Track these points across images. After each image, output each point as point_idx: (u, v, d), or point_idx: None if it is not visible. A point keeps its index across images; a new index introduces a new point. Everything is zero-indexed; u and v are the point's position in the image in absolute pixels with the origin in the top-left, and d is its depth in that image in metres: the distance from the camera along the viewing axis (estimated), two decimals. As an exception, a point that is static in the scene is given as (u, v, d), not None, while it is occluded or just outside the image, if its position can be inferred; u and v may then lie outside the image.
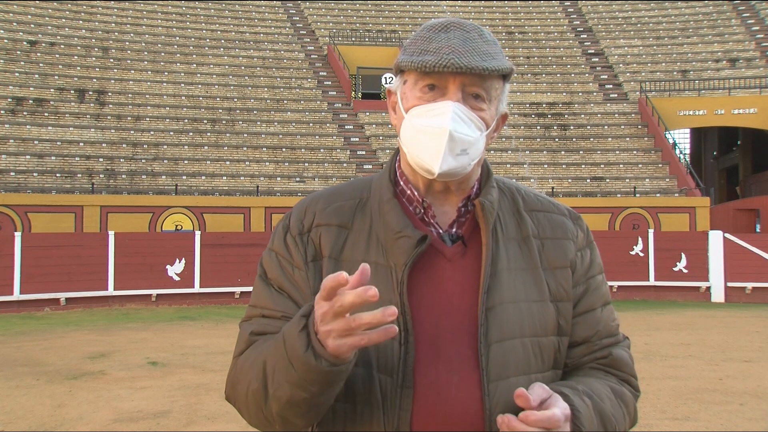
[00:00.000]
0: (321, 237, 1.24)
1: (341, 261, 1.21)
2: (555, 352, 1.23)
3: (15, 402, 6.47)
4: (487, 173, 1.28)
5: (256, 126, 23.75)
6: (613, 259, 16.66)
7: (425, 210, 1.23)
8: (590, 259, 1.31)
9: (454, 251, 1.21)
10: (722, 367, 8.10)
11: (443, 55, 1.14)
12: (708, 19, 31.98)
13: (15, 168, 19.18)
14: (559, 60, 29.90)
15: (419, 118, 1.17)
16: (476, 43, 1.17)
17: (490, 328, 1.16)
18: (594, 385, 1.21)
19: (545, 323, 1.21)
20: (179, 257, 15.41)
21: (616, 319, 1.33)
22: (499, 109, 1.23)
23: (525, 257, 1.24)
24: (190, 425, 5.67)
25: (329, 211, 1.26)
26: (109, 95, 23.67)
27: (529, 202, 1.30)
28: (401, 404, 1.13)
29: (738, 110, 25.43)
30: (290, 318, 1.19)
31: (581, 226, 1.32)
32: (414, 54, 1.17)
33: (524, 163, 22.88)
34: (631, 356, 1.33)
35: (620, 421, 1.20)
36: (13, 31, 25.52)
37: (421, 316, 1.16)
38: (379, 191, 1.26)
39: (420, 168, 1.19)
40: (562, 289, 1.24)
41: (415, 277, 1.18)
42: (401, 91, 1.23)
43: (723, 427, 5.52)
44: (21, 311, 14.06)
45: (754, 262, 16.32)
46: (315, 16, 32.34)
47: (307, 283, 1.22)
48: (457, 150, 1.15)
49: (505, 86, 1.24)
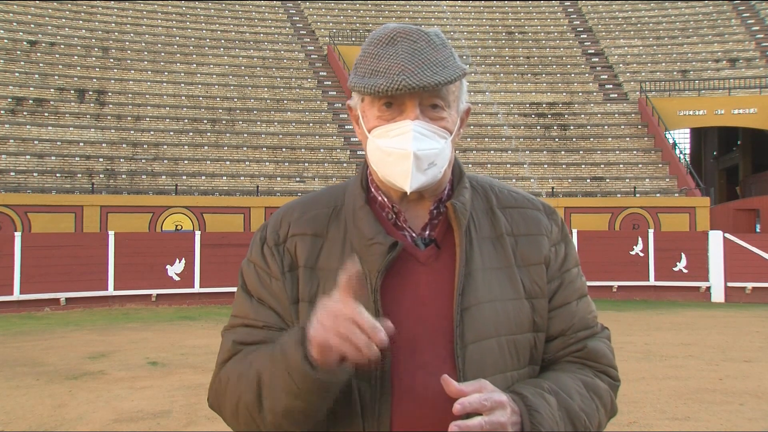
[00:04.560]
0: (296, 247, 1.25)
1: (317, 270, 1.23)
2: (531, 348, 1.24)
3: (15, 402, 6.47)
4: (459, 174, 1.29)
5: (256, 126, 23.75)
6: (613, 259, 16.67)
7: (397, 215, 1.24)
8: (565, 253, 1.31)
9: (427, 255, 1.22)
10: (722, 367, 8.10)
11: (393, 76, 1.13)
12: (708, 19, 31.98)
13: (15, 168, 19.18)
14: (559, 60, 29.90)
15: (382, 139, 1.18)
16: (425, 54, 1.16)
17: (466, 330, 1.17)
18: (563, 381, 1.21)
19: (520, 321, 1.22)
20: (179, 257, 15.41)
21: (593, 311, 1.33)
22: (460, 108, 1.24)
23: (499, 256, 1.24)
24: (190, 425, 5.67)
25: (304, 220, 1.27)
26: (109, 95, 23.67)
27: (502, 199, 1.31)
28: (380, 410, 1.14)
29: (738, 110, 25.43)
30: (272, 328, 1.23)
31: (556, 221, 1.33)
32: (365, 75, 1.16)
33: (524, 163, 22.88)
34: (610, 347, 1.32)
35: (592, 415, 1.20)
36: (13, 31, 25.52)
37: (397, 322, 1.16)
38: (352, 199, 1.27)
39: (391, 186, 1.20)
40: (537, 286, 1.25)
41: (389, 283, 1.19)
42: (360, 108, 1.23)
43: (723, 427, 5.51)
44: (21, 311, 14.06)
45: (754, 262, 16.32)
46: (315, 16, 32.34)
47: (285, 293, 1.24)
48: (424, 166, 1.16)
49: (462, 84, 1.24)
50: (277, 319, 1.24)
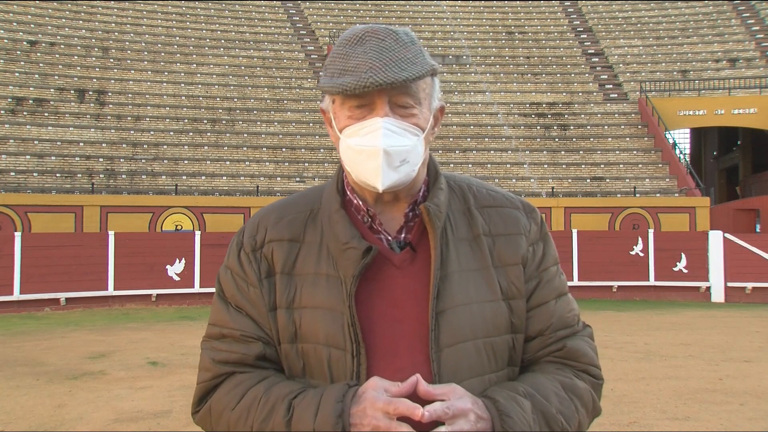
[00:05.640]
0: (273, 253, 1.25)
1: (294, 275, 1.23)
2: (509, 350, 1.23)
3: (15, 402, 6.47)
4: (435, 174, 1.28)
5: (256, 126, 23.75)
6: (613, 259, 16.67)
7: (372, 218, 1.24)
8: (543, 252, 1.30)
9: (402, 258, 1.22)
10: (722, 367, 8.09)
11: (361, 74, 1.13)
12: (708, 19, 31.98)
13: (15, 168, 19.18)
14: (559, 60, 29.90)
15: (353, 138, 1.17)
16: (393, 51, 1.15)
17: (441, 333, 1.16)
18: (540, 382, 1.20)
19: (498, 323, 1.21)
20: (179, 257, 15.41)
21: (573, 309, 1.31)
22: (432, 106, 1.23)
23: (476, 257, 1.24)
24: (190, 425, 5.67)
25: (281, 225, 1.27)
26: (109, 95, 23.67)
27: (480, 199, 1.30)
28: None
29: (738, 110, 25.43)
30: (249, 336, 1.23)
31: (535, 220, 1.31)
32: (334, 75, 1.17)
33: (524, 163, 22.88)
34: (592, 345, 1.31)
35: (570, 416, 1.19)
36: (13, 31, 25.52)
37: (372, 327, 1.17)
38: (328, 202, 1.26)
39: (365, 185, 1.19)
40: (514, 286, 1.24)
41: (365, 287, 1.19)
42: (332, 110, 1.23)
43: (723, 427, 5.51)
44: (21, 311, 14.06)
45: (754, 262, 16.32)
46: (315, 16, 32.34)
47: (263, 300, 1.23)
48: (395, 163, 1.15)
49: (434, 81, 1.23)
50: (255, 327, 1.23)
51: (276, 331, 1.22)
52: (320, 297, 1.19)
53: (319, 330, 1.18)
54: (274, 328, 1.22)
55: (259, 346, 1.23)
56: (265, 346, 1.23)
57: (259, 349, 1.23)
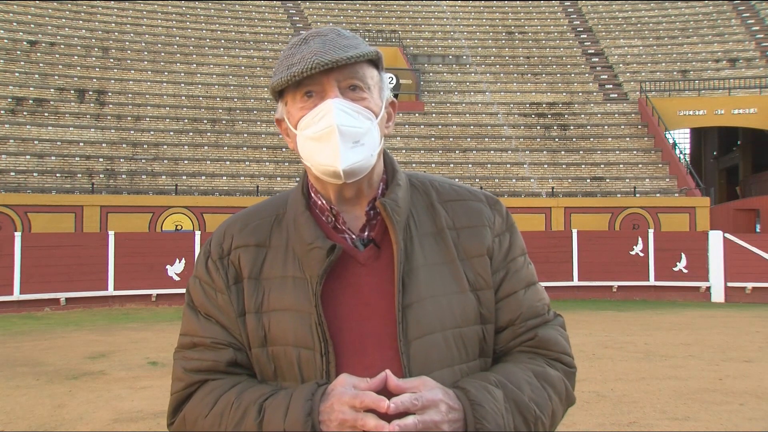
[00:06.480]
0: (240, 259, 1.26)
1: (261, 280, 1.24)
2: (480, 341, 1.24)
3: (15, 402, 6.47)
4: (392, 172, 1.30)
5: (256, 126, 23.75)
6: (613, 259, 16.67)
7: (335, 218, 1.25)
8: (510, 243, 1.31)
9: (367, 255, 1.23)
10: (722, 367, 8.09)
11: (307, 60, 1.17)
12: (708, 19, 31.98)
13: (15, 168, 19.18)
14: (559, 60, 29.90)
15: (309, 128, 1.20)
16: (335, 41, 1.20)
17: (409, 326, 1.17)
18: (512, 372, 1.21)
19: (466, 314, 1.22)
20: (179, 257, 15.41)
21: (543, 299, 1.32)
22: (383, 96, 1.26)
23: (441, 251, 1.25)
24: (190, 425, 5.66)
25: (246, 231, 1.28)
26: (109, 95, 23.67)
27: (443, 194, 1.31)
28: None
29: (738, 110, 25.43)
30: (220, 343, 1.24)
31: (500, 212, 1.33)
32: (281, 72, 1.21)
33: (524, 163, 22.88)
34: (564, 334, 1.31)
35: (543, 404, 1.19)
36: (13, 31, 25.52)
37: (340, 325, 1.18)
38: (293, 206, 1.28)
39: (326, 174, 1.20)
40: (481, 278, 1.25)
41: (331, 286, 1.20)
42: (285, 112, 1.26)
43: (723, 427, 5.51)
44: (21, 311, 14.06)
45: (754, 262, 16.32)
46: (315, 16, 32.33)
47: (231, 306, 1.24)
48: (350, 143, 1.17)
49: (381, 75, 1.27)
50: (225, 333, 1.24)
51: (246, 336, 1.23)
52: (288, 299, 1.21)
53: (288, 332, 1.19)
54: (244, 334, 1.23)
55: (230, 353, 1.24)
56: (236, 351, 1.24)
57: (230, 355, 1.23)
